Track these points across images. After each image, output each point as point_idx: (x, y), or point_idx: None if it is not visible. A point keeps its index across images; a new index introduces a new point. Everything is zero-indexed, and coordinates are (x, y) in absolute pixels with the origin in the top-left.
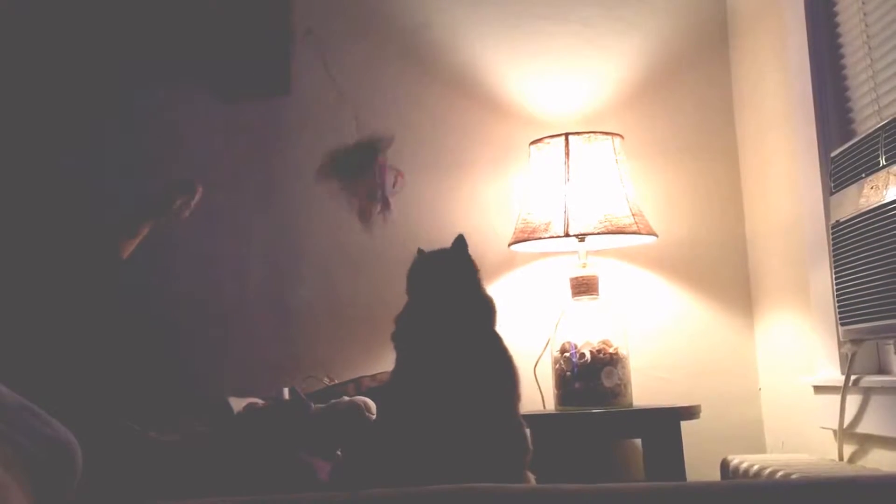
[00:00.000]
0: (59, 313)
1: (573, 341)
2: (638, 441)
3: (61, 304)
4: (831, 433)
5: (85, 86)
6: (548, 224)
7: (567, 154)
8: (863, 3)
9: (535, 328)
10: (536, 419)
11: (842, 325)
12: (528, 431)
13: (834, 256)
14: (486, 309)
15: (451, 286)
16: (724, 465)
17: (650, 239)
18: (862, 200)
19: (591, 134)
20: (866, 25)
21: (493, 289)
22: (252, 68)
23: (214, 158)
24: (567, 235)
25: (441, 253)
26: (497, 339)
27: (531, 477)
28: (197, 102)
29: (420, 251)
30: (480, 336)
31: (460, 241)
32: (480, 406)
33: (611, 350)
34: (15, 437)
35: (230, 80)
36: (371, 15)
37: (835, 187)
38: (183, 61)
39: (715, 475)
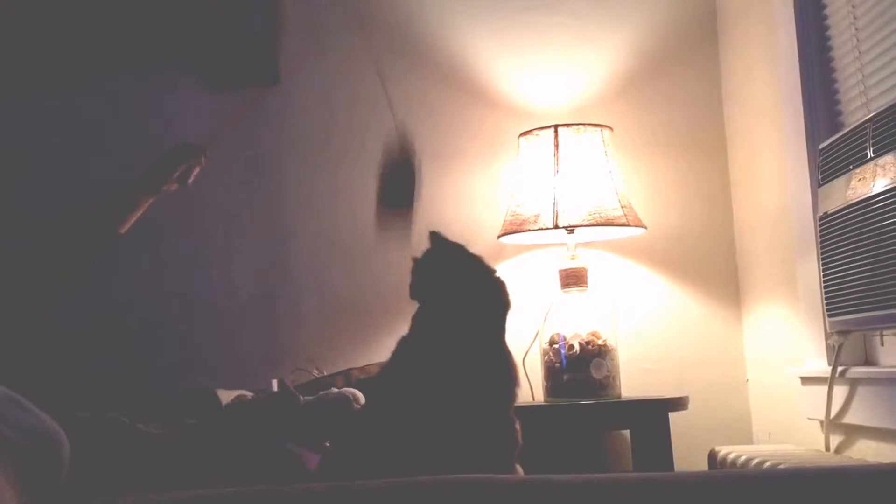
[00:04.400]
0: (48, 293)
1: (562, 333)
2: (626, 432)
3: (52, 284)
4: (818, 424)
5: (75, 69)
6: (537, 216)
7: (556, 146)
8: None
9: (524, 320)
10: (525, 411)
11: (829, 316)
12: (518, 426)
13: (821, 248)
14: (497, 291)
15: (454, 276)
16: (712, 455)
17: (639, 231)
18: (849, 192)
19: (581, 126)
20: (854, 18)
21: None
22: (241, 58)
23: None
24: (556, 227)
25: (430, 254)
26: (499, 335)
27: (520, 470)
28: (186, 91)
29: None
30: (481, 331)
31: (434, 237)
32: (470, 399)
33: (599, 342)
34: (1, 429)
35: (219, 70)
36: (359, 6)
37: (822, 179)
38: (172, 49)
39: (703, 466)
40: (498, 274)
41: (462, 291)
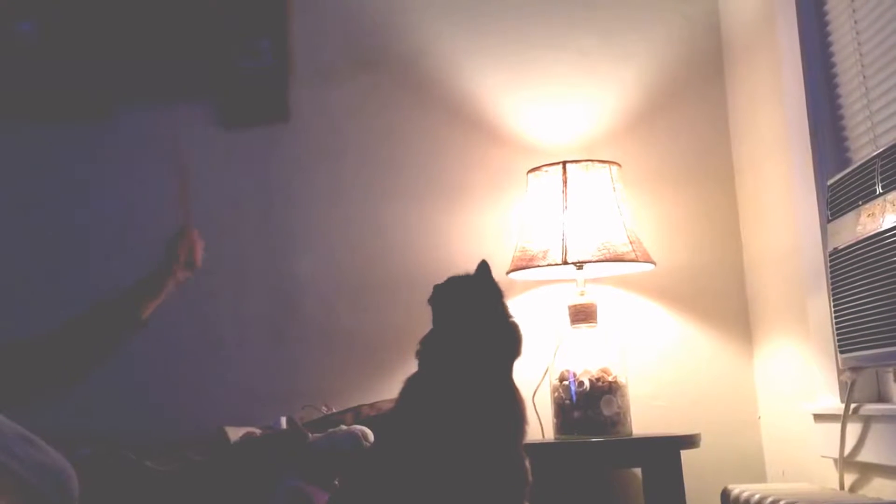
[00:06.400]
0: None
1: (572, 370)
2: (638, 470)
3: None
4: (832, 462)
5: (82, 105)
6: (546, 252)
7: (565, 182)
8: (857, 32)
9: (534, 356)
10: (535, 448)
11: (841, 352)
12: (528, 464)
13: (832, 284)
14: (511, 336)
15: (474, 311)
16: (725, 494)
17: (648, 266)
18: (859, 228)
19: (589, 162)
20: (861, 55)
21: None
22: (251, 95)
23: (213, 184)
24: (565, 263)
25: (465, 278)
26: (507, 372)
27: None
28: (196, 128)
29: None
30: (490, 369)
31: (483, 267)
32: (479, 437)
33: (610, 378)
34: (11, 466)
35: (229, 107)
36: (368, 44)
37: (832, 215)
38: (181, 86)
39: None
40: (514, 319)
41: (476, 328)
